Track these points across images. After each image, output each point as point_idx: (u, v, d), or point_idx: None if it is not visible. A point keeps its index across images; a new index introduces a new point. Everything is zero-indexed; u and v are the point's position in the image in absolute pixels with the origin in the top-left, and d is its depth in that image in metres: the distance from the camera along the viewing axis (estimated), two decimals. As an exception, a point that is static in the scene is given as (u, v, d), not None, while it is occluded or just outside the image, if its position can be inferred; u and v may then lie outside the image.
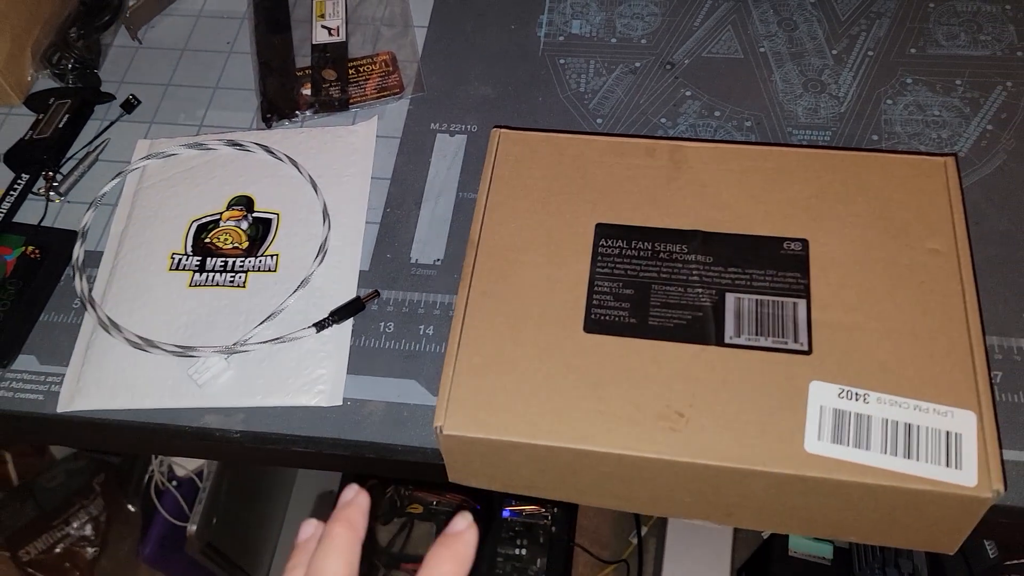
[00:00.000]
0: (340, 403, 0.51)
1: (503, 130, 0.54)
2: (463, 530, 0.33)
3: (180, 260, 0.56)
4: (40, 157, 0.61)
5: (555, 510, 1.07)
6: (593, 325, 0.47)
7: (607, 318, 0.47)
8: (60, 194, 0.60)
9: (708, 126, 0.61)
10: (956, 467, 0.41)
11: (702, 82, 0.64)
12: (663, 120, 0.62)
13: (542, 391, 0.45)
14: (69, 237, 0.58)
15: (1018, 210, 0.56)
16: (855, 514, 0.43)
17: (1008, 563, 0.79)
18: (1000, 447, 0.42)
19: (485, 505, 1.04)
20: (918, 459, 0.41)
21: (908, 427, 0.42)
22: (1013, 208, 0.56)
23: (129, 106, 0.65)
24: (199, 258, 0.56)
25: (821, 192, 0.50)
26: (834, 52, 0.64)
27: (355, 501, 0.34)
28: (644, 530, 1.22)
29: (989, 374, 0.43)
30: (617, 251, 0.49)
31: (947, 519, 0.43)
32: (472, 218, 0.51)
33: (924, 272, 0.47)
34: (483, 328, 0.47)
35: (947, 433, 0.42)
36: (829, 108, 0.62)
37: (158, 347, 0.52)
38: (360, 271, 0.56)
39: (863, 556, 0.91)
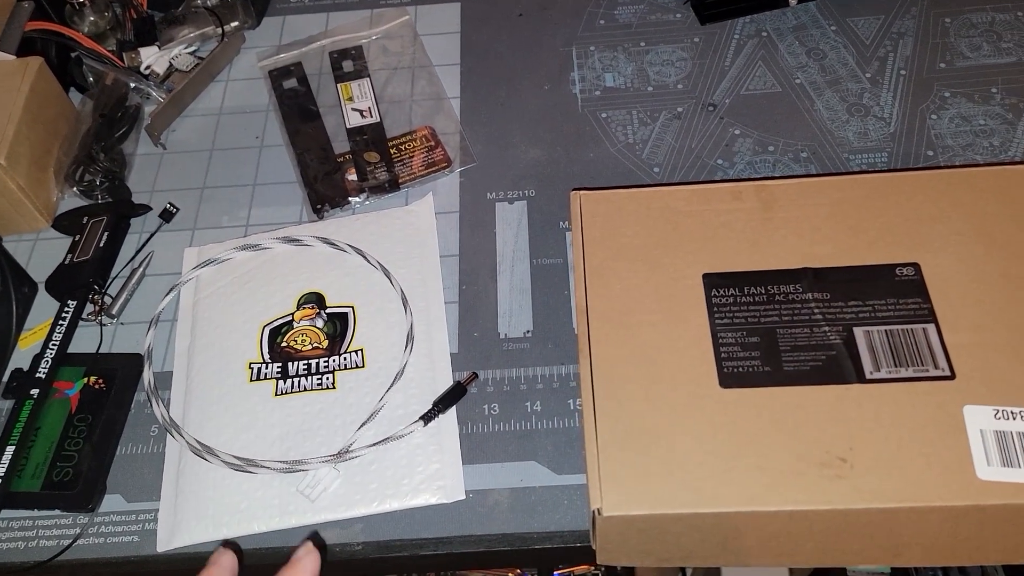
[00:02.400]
0: (463, 497, 0.48)
1: (583, 192, 0.53)
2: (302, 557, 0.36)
3: (260, 369, 0.53)
4: (85, 280, 0.57)
5: (604, 568, 1.04)
6: (729, 379, 0.45)
7: (740, 369, 0.45)
8: (112, 316, 0.57)
9: (766, 162, 0.61)
10: None
11: (747, 119, 0.64)
12: (720, 161, 0.62)
13: (694, 455, 0.43)
14: (133, 361, 0.54)
15: (1086, 206, 0.57)
16: (1031, 536, 0.42)
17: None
18: None
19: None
20: (1092, 470, 0.41)
21: (1073, 439, 0.41)
22: (1082, 205, 0.57)
23: (168, 215, 0.62)
24: (279, 364, 0.53)
25: (917, 214, 0.50)
26: (868, 75, 0.66)
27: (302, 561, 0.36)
28: (689, 571, 1.19)
29: None
30: (731, 299, 0.48)
31: (1124, 527, 0.42)
32: (573, 283, 0.49)
33: (1040, 280, 0.47)
34: (617, 398, 0.45)
35: (1112, 440, 0.41)
36: (878, 130, 0.62)
37: (262, 466, 0.49)
38: (451, 354, 0.54)
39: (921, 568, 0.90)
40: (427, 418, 0.50)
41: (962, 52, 0.66)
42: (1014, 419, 0.42)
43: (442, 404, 0.51)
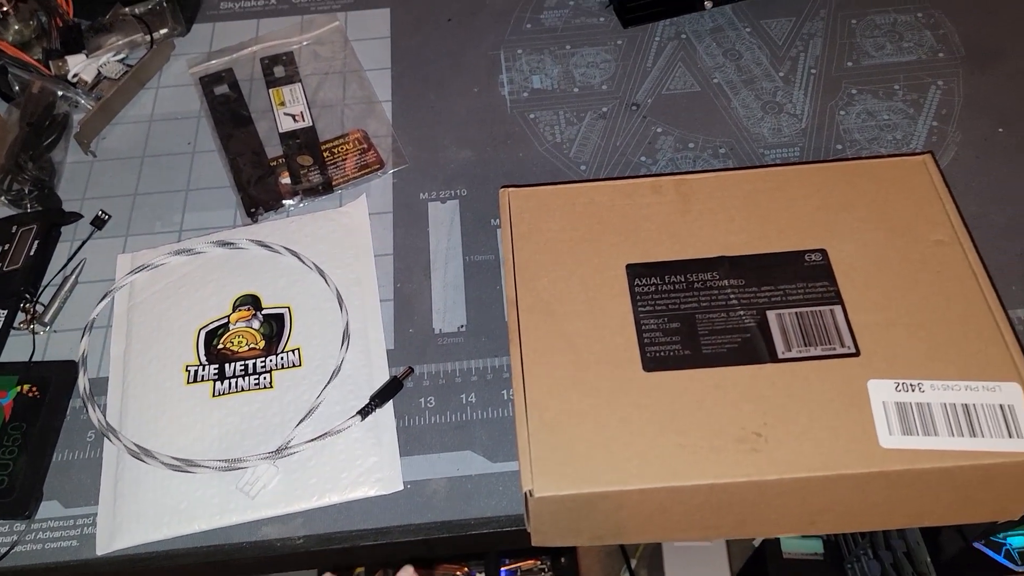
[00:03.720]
0: (401, 488, 0.50)
1: (511, 189, 0.55)
2: None
3: (196, 371, 0.54)
4: (15, 289, 0.57)
5: (549, 561, 1.06)
6: (651, 363, 0.47)
7: (662, 354, 0.48)
8: (44, 325, 0.57)
9: (686, 158, 0.64)
10: (1018, 435, 0.44)
11: (669, 117, 0.67)
12: (643, 158, 0.64)
13: (620, 436, 0.45)
14: (67, 368, 0.54)
15: (981, 192, 0.61)
16: (933, 499, 0.46)
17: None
18: (1047, 410, 0.45)
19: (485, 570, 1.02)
20: (983, 435, 0.44)
21: (965, 407, 0.45)
22: (976, 191, 0.61)
23: (100, 222, 0.62)
24: (216, 366, 0.54)
25: (824, 203, 0.53)
26: (781, 74, 0.69)
27: None
28: (634, 562, 1.22)
29: (1020, 344, 0.47)
30: (653, 288, 0.50)
31: (1014, 486, 0.45)
32: (503, 277, 0.51)
33: (936, 263, 0.50)
34: (545, 384, 0.47)
35: (1000, 406, 0.45)
36: (791, 126, 0.66)
37: (200, 465, 0.49)
38: (387, 350, 0.55)
39: (850, 543, 0.94)
40: (364, 413, 0.51)
41: (867, 51, 0.70)
42: (913, 391, 0.45)
43: (379, 399, 0.52)
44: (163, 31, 0.72)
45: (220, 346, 0.55)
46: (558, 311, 0.50)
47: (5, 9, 0.67)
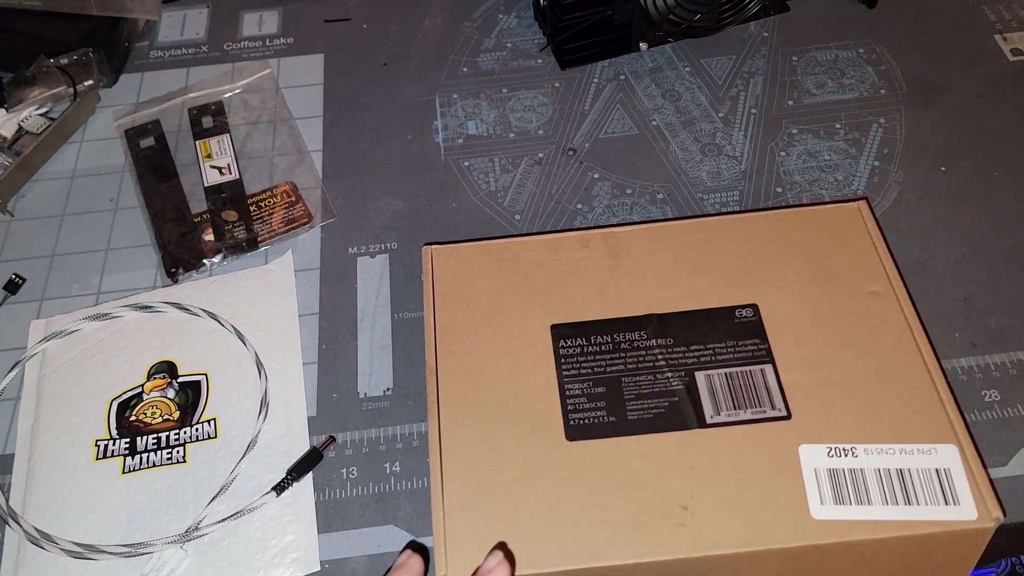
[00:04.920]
0: (317, 568, 0.47)
1: (434, 246, 0.53)
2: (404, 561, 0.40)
3: (106, 446, 0.51)
4: (-81, 361, 0.54)
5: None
6: (574, 431, 0.45)
7: (586, 421, 0.46)
8: (-51, 398, 0.54)
9: (623, 204, 0.62)
10: (954, 503, 0.42)
11: (606, 162, 0.65)
12: (580, 206, 0.62)
13: (540, 513, 0.43)
14: (-30, 445, 0.52)
15: (924, 235, 0.59)
16: (869, 570, 0.43)
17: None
18: (987, 471, 0.43)
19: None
20: (918, 503, 0.42)
21: (900, 473, 0.43)
22: (919, 234, 0.59)
23: (13, 286, 0.59)
24: (127, 440, 0.51)
25: (756, 255, 0.51)
26: (721, 115, 0.67)
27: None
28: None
29: (957, 403, 0.45)
30: (579, 349, 0.48)
31: (954, 554, 0.43)
32: (424, 341, 0.49)
33: (870, 316, 0.48)
34: (463, 458, 0.45)
35: (936, 471, 0.43)
36: (730, 169, 0.64)
37: (103, 551, 0.47)
38: (308, 417, 0.53)
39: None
40: (280, 488, 0.49)
41: (809, 89, 0.69)
42: (846, 456, 0.44)
43: (296, 472, 0.50)
44: (88, 82, 0.70)
45: (132, 418, 0.52)
46: (479, 377, 0.48)
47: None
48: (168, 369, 0.54)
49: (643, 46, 0.69)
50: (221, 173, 0.65)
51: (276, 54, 0.74)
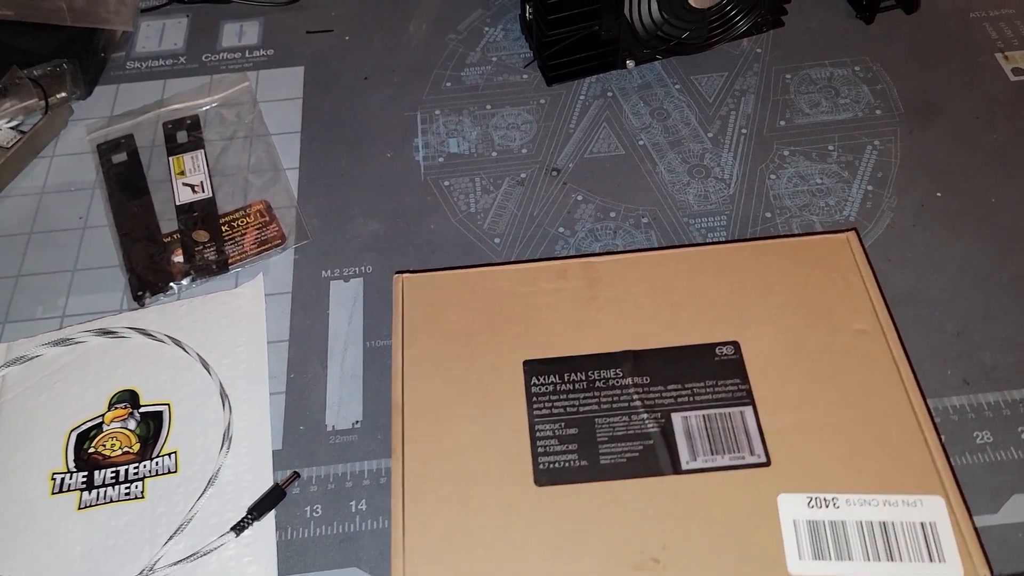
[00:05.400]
0: (277, 612, 0.45)
1: (406, 275, 0.51)
2: None
3: (63, 480, 0.49)
4: None
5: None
6: (544, 476, 0.43)
7: (557, 465, 0.44)
8: (-95, 426, 0.52)
9: (607, 229, 0.60)
10: (939, 560, 0.40)
11: (591, 184, 0.63)
12: (562, 229, 0.60)
13: (506, 563, 0.41)
14: (-77, 477, 0.50)
15: (918, 265, 0.57)
16: (849, 626, 0.41)
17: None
18: (973, 524, 0.41)
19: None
20: (901, 559, 0.40)
21: (883, 526, 0.41)
22: (913, 264, 0.57)
23: (-25, 308, 0.58)
24: (85, 473, 0.50)
25: (739, 288, 0.49)
26: (710, 135, 0.65)
27: None
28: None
29: (944, 450, 0.43)
30: (551, 387, 0.46)
31: (939, 611, 0.41)
32: (391, 376, 0.47)
33: (857, 355, 0.46)
34: (427, 501, 0.43)
35: (922, 524, 0.41)
36: (718, 192, 0.62)
37: (53, 594, 0.45)
38: (273, 451, 0.51)
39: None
40: (240, 528, 0.47)
41: (802, 109, 0.67)
42: (827, 507, 0.42)
43: (257, 510, 0.48)
44: (61, 95, 0.69)
45: (92, 450, 0.50)
46: (448, 415, 0.46)
47: None
48: (130, 398, 0.52)
49: (630, 64, 0.67)
50: (194, 191, 0.63)
51: (255, 66, 0.72)
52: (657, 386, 0.46)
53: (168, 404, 0.52)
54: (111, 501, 0.49)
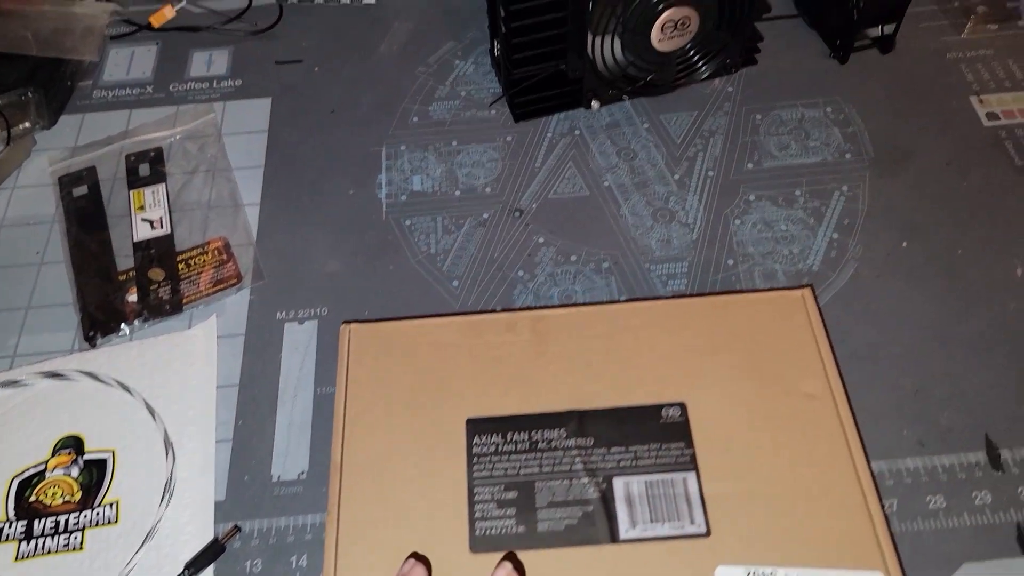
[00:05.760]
0: (210, 673, 0.45)
1: (353, 325, 0.51)
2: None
3: (2, 530, 0.49)
4: None
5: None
6: (479, 543, 0.43)
7: (494, 531, 0.43)
8: None
9: (567, 273, 0.59)
10: (877, 640, 0.39)
11: (553, 225, 0.62)
12: (521, 273, 0.60)
13: (435, 635, 0.40)
14: None
15: (878, 318, 0.56)
16: None
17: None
18: (914, 604, 0.40)
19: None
20: (838, 637, 0.39)
21: (822, 602, 0.40)
22: (874, 318, 0.56)
23: (-75, 346, 0.57)
24: (24, 523, 0.49)
25: (691, 345, 0.49)
26: (676, 177, 0.64)
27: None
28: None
29: (887, 524, 0.42)
30: (493, 448, 0.46)
31: None
32: (332, 431, 0.47)
33: (805, 420, 0.46)
34: (360, 567, 0.42)
35: (861, 601, 0.40)
36: (681, 237, 0.61)
37: (-19, 652, 0.44)
38: (216, 502, 0.50)
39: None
40: (176, 584, 0.46)
41: (770, 151, 0.66)
42: (765, 581, 0.41)
43: (195, 566, 0.47)
44: (25, 124, 0.68)
45: (32, 498, 0.50)
46: (387, 476, 0.45)
47: None
48: (75, 444, 0.52)
49: (595, 104, 0.66)
50: (152, 227, 0.63)
51: (223, 97, 0.72)
52: (600, 448, 0.45)
53: (112, 451, 0.52)
54: (48, 552, 0.48)
